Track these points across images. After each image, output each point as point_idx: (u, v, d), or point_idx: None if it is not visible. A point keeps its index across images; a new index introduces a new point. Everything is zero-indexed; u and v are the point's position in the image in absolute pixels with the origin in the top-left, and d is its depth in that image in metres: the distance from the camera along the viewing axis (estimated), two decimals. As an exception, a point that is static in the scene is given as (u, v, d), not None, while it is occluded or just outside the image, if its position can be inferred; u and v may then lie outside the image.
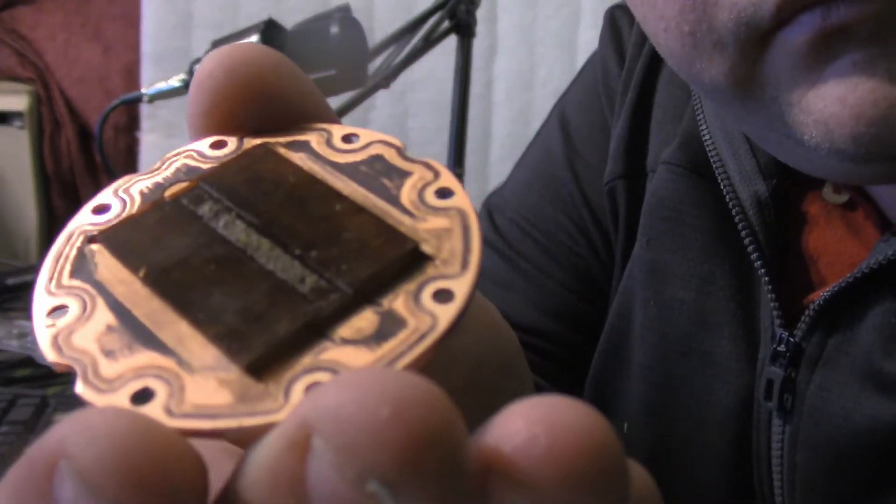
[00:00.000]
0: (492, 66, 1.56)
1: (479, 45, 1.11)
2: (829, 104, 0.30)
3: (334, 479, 0.11)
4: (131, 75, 1.49)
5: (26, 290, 1.20)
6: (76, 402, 0.96)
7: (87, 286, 0.15)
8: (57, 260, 0.16)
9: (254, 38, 0.83)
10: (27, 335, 1.03)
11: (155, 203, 0.17)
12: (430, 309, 0.14)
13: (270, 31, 0.84)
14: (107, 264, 0.16)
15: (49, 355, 0.15)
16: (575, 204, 0.48)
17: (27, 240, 1.45)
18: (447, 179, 0.15)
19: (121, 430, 0.12)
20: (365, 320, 0.14)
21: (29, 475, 0.12)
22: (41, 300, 0.15)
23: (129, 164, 1.48)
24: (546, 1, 1.56)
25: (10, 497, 0.12)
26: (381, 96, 1.14)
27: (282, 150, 0.17)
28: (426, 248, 0.15)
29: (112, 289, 0.15)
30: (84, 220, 0.17)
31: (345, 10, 0.86)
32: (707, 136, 0.41)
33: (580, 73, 0.53)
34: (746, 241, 0.38)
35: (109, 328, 0.15)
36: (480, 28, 1.06)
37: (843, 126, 0.30)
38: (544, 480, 0.12)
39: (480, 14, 1.05)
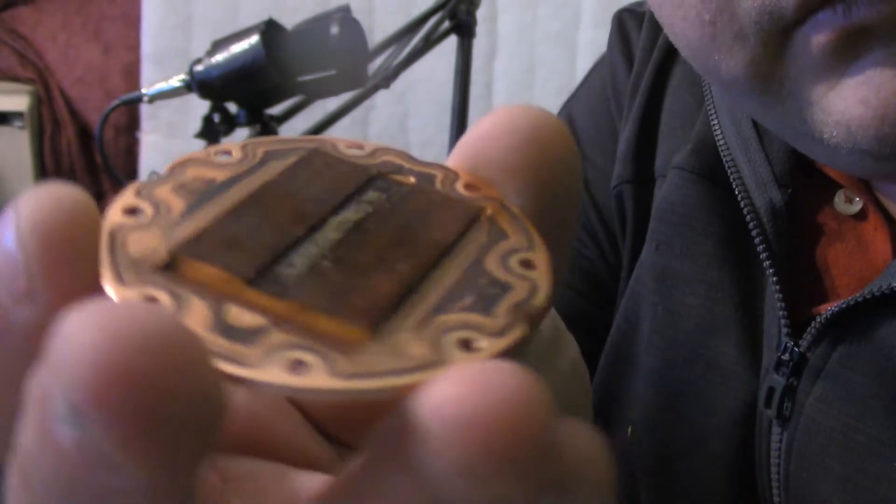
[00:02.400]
0: (492, 66, 1.56)
1: (479, 46, 1.11)
2: (851, 106, 0.29)
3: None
4: (131, 75, 1.49)
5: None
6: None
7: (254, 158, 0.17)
8: (288, 141, 0.17)
9: (254, 38, 0.83)
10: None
11: (365, 166, 0.17)
12: (274, 363, 0.13)
13: (270, 32, 0.84)
14: (285, 162, 0.17)
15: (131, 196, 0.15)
16: (583, 206, 0.48)
17: (27, 240, 1.45)
18: (491, 343, 0.14)
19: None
20: (251, 319, 0.14)
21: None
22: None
23: (129, 164, 1.48)
24: (546, 1, 1.56)
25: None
26: (381, 96, 1.14)
27: (483, 223, 0.17)
28: (366, 344, 0.14)
29: (237, 185, 0.16)
30: (338, 143, 0.18)
31: (345, 11, 0.86)
32: (722, 142, 0.40)
33: (587, 76, 0.53)
34: (760, 248, 0.38)
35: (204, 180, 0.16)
36: (480, 28, 1.06)
37: (867, 128, 0.29)
38: (448, 450, 0.11)
39: (480, 14, 1.05)
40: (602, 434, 0.14)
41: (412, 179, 0.17)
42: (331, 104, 0.97)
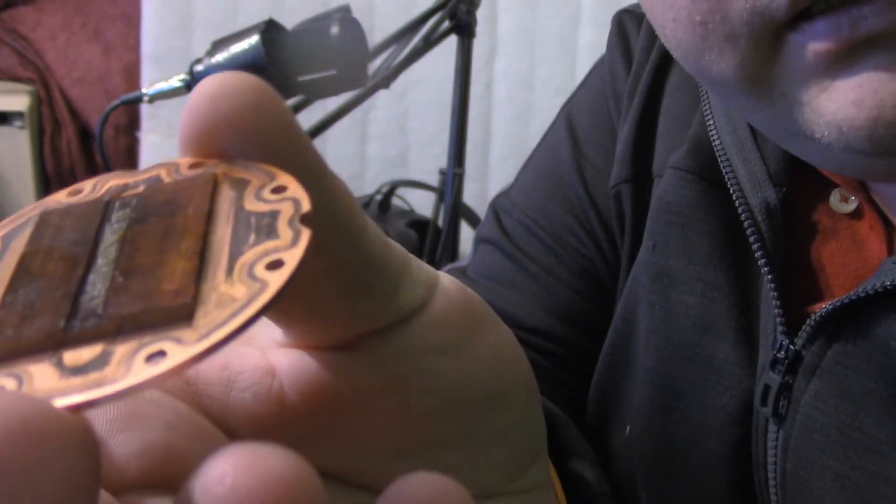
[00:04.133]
0: (492, 66, 1.56)
1: (479, 46, 1.11)
2: (843, 107, 0.29)
3: None
4: (131, 75, 1.49)
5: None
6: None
7: None
8: (12, 219, 0.18)
9: (254, 38, 0.83)
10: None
11: (96, 199, 0.18)
12: (133, 365, 0.14)
13: (270, 32, 0.84)
14: (25, 236, 0.18)
15: None
16: (582, 206, 0.48)
17: (27, 240, 1.45)
18: (290, 254, 0.16)
19: None
20: (89, 352, 0.15)
21: None
22: None
23: (129, 164, 1.48)
24: (546, 1, 1.56)
25: None
26: (381, 96, 1.14)
27: (220, 185, 0.18)
28: (198, 310, 0.15)
29: (5, 256, 0.17)
30: (56, 198, 0.19)
31: (345, 11, 0.86)
32: (717, 142, 0.40)
33: (587, 77, 0.53)
34: (755, 247, 0.38)
35: None
36: (480, 28, 1.06)
37: (859, 129, 0.29)
38: None
39: (480, 14, 1.05)
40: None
41: (141, 188, 0.18)
42: (331, 104, 0.97)
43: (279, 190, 0.17)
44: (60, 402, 0.14)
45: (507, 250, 0.49)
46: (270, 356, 0.20)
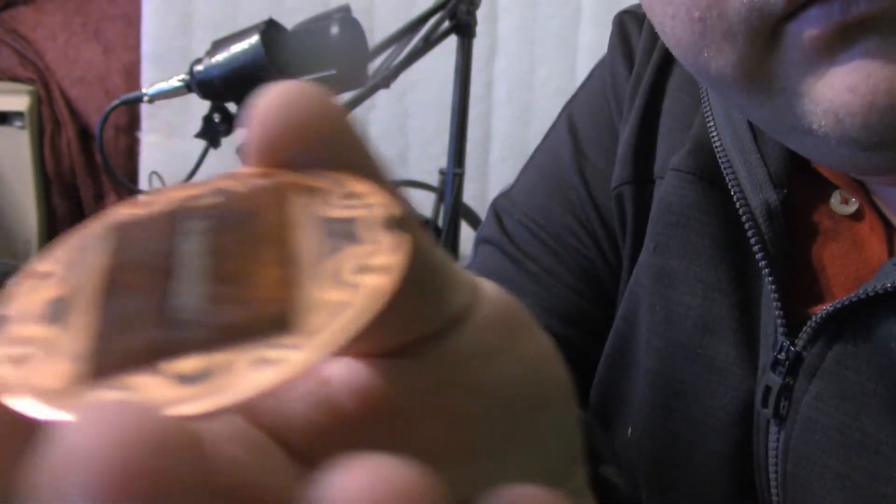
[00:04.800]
0: (492, 66, 1.56)
1: (479, 46, 1.11)
2: (840, 93, 0.30)
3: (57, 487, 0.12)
4: (131, 75, 1.49)
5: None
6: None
7: (74, 262, 0.18)
8: (79, 234, 0.18)
9: (254, 38, 0.83)
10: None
11: (168, 210, 0.18)
12: (241, 372, 0.15)
13: (270, 32, 0.84)
14: (100, 250, 0.18)
15: None
16: (583, 206, 0.48)
17: (27, 240, 1.45)
18: (383, 259, 0.16)
19: None
20: (194, 363, 0.15)
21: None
22: (36, 263, 0.18)
23: (129, 164, 1.48)
24: (546, 1, 1.56)
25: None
26: (381, 96, 1.14)
27: (293, 194, 0.18)
28: (298, 316, 0.15)
29: (84, 271, 0.17)
30: (122, 211, 0.19)
31: (345, 11, 0.86)
32: (718, 143, 0.41)
33: (588, 78, 0.53)
34: (756, 248, 0.38)
35: (53, 300, 0.17)
36: (480, 28, 1.06)
37: (854, 115, 0.29)
38: None
39: (480, 14, 1.05)
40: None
41: (211, 199, 0.18)
42: (331, 104, 0.97)
43: (355, 196, 0.17)
44: (182, 412, 0.14)
45: (507, 251, 0.49)
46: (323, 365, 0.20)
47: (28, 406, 0.14)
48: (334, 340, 0.15)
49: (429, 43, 1.00)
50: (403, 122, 1.56)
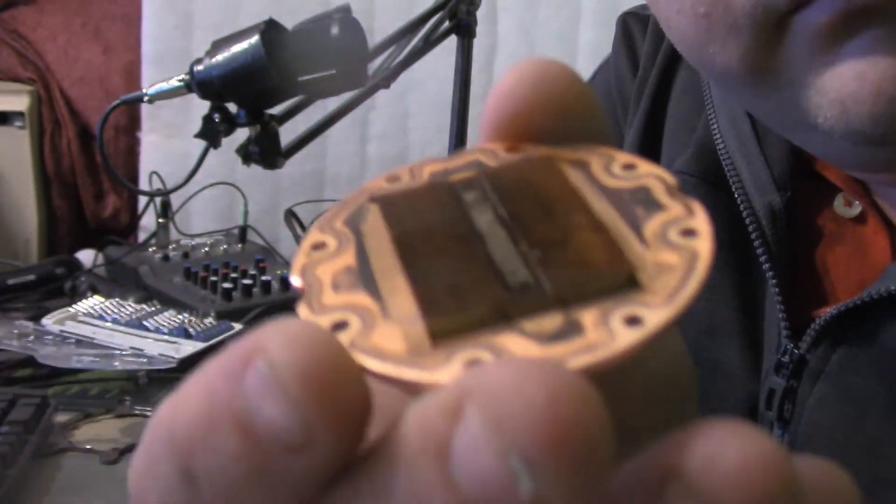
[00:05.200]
0: (492, 66, 1.56)
1: (479, 46, 1.11)
2: (847, 82, 0.30)
3: (480, 447, 0.12)
4: (131, 75, 1.49)
5: (26, 290, 1.20)
6: (76, 403, 0.96)
7: (349, 232, 0.18)
8: (341, 207, 0.19)
9: (254, 38, 0.83)
10: (27, 335, 1.03)
11: (433, 182, 0.19)
12: (614, 329, 0.15)
13: (270, 31, 0.84)
14: (374, 221, 0.18)
15: (294, 280, 0.17)
16: None
17: (27, 240, 1.45)
18: (699, 222, 0.16)
19: (314, 343, 0.13)
20: (550, 322, 0.15)
21: (226, 364, 0.13)
22: (311, 235, 0.18)
23: (129, 164, 1.48)
24: (546, 1, 1.55)
25: (204, 382, 0.14)
26: (381, 96, 1.14)
27: (561, 165, 0.18)
28: (642, 276, 0.16)
29: (366, 240, 0.18)
30: (377, 185, 0.19)
31: (345, 11, 0.86)
32: (722, 146, 0.41)
33: (592, 79, 0.53)
34: (759, 251, 0.38)
35: (347, 268, 0.17)
36: (480, 28, 1.06)
37: (861, 104, 0.29)
38: (725, 499, 0.12)
39: (480, 14, 1.05)
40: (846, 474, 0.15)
41: (473, 171, 0.19)
42: (331, 104, 0.97)
43: (630, 167, 0.18)
44: (577, 364, 0.14)
45: None
46: None
47: (391, 369, 0.15)
48: (689, 299, 0.15)
49: (429, 43, 1.00)
50: (403, 122, 1.56)
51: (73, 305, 1.08)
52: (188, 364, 0.95)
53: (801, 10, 0.30)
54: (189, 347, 0.98)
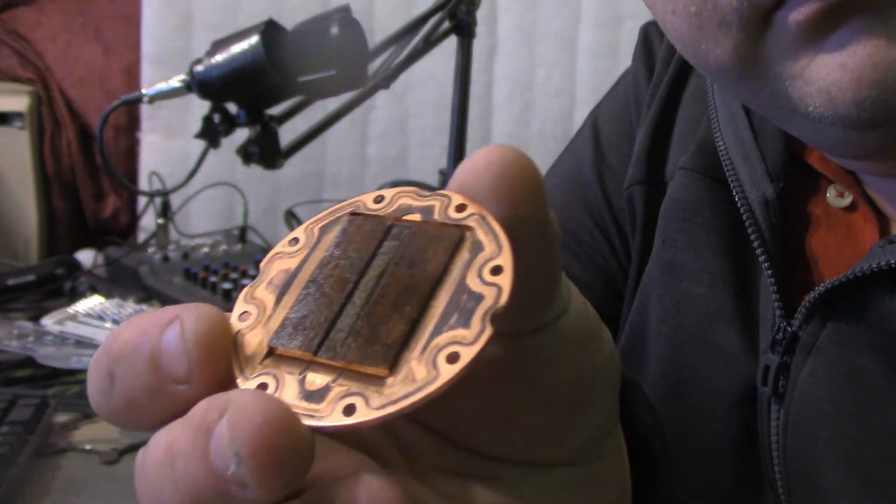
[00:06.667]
0: (492, 66, 1.56)
1: (479, 46, 1.11)
2: (831, 71, 0.31)
3: (223, 437, 0.19)
4: (131, 76, 1.49)
5: (26, 290, 1.20)
6: (76, 403, 0.96)
7: (316, 238, 0.22)
8: (332, 211, 0.23)
9: (254, 38, 0.83)
10: (27, 335, 1.03)
11: (382, 218, 0.22)
12: (335, 407, 0.19)
13: (270, 32, 0.84)
14: (333, 234, 0.22)
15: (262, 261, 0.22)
16: (598, 205, 0.51)
17: (27, 240, 1.45)
18: (469, 350, 0.19)
19: (211, 317, 0.21)
20: (321, 379, 0.20)
21: (157, 319, 0.21)
22: (297, 230, 0.22)
23: (129, 164, 1.48)
24: (546, 1, 1.56)
25: (141, 326, 0.21)
26: (381, 96, 1.14)
27: (464, 243, 0.21)
28: (389, 379, 0.20)
29: (315, 251, 0.22)
30: (365, 199, 0.22)
31: (345, 11, 0.86)
32: (721, 143, 0.43)
33: (615, 86, 0.57)
34: (753, 237, 0.40)
35: (286, 270, 0.22)
36: (480, 28, 1.06)
37: (845, 91, 0.31)
38: None
39: (480, 14, 1.05)
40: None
41: (418, 217, 0.21)
42: (331, 104, 0.97)
43: (496, 271, 0.20)
44: (308, 423, 0.19)
45: None
46: None
47: (236, 360, 0.21)
48: (388, 412, 0.19)
49: (429, 43, 1.00)
50: (403, 122, 1.56)
51: (73, 306, 1.08)
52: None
53: (784, 6, 0.32)
54: (189, 348, 0.98)
